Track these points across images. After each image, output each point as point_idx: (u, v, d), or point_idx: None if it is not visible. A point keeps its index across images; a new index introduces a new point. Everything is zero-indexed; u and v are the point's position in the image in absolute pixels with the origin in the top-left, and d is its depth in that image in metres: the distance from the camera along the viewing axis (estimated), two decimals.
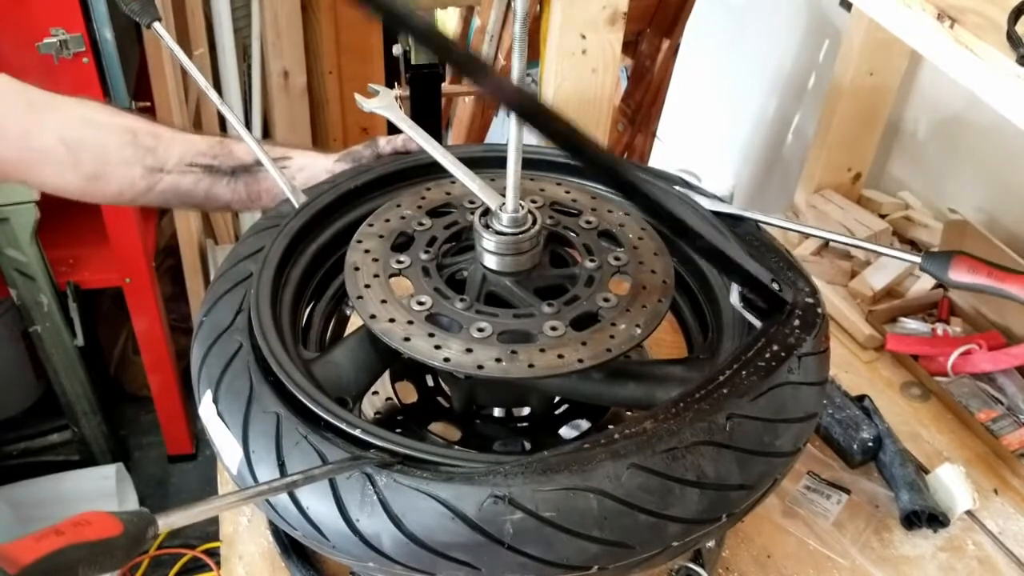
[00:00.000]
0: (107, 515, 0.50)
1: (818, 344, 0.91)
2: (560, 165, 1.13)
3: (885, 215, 1.76)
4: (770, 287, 0.91)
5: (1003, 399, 1.35)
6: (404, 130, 1.07)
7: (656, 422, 0.79)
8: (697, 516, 0.78)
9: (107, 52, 1.77)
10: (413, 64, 1.55)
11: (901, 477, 1.21)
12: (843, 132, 1.74)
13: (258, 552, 1.10)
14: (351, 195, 1.08)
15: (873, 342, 1.48)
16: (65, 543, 0.47)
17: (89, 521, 0.49)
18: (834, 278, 1.61)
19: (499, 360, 0.83)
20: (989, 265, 0.94)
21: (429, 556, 0.75)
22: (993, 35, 0.89)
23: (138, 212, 2.06)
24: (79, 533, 0.48)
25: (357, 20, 2.61)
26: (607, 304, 0.91)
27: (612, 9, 1.44)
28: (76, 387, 2.29)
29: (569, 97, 1.52)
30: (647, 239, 0.99)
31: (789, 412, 0.85)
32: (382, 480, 0.76)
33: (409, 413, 1.09)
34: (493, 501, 0.73)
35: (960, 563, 1.15)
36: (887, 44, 1.63)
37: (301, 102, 2.67)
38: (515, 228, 0.91)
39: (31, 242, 1.95)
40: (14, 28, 1.71)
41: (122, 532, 0.50)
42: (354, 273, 0.93)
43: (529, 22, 0.80)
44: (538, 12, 1.96)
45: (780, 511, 1.19)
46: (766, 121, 2.30)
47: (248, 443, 0.83)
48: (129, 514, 0.51)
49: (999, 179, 1.64)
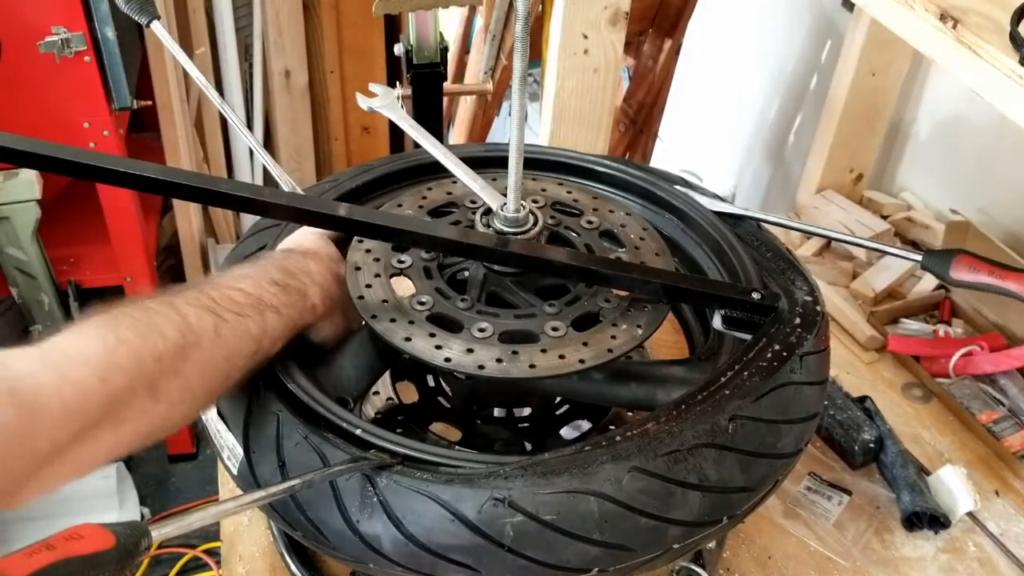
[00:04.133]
0: (100, 528, 0.50)
1: (819, 343, 0.91)
2: (562, 165, 1.13)
3: (887, 216, 1.76)
4: (749, 300, 0.91)
5: (1004, 401, 1.35)
6: (406, 129, 1.07)
7: (658, 424, 0.79)
8: (698, 519, 0.78)
9: (109, 51, 1.77)
10: (415, 63, 1.55)
11: (902, 478, 1.21)
12: (845, 133, 1.74)
13: (258, 552, 1.10)
14: (352, 194, 1.08)
15: (874, 343, 1.47)
16: (57, 558, 0.47)
17: (81, 535, 0.49)
18: (835, 279, 1.61)
19: (500, 360, 0.83)
20: (990, 263, 0.94)
21: (429, 558, 0.75)
22: (995, 36, 0.89)
23: (139, 211, 2.06)
24: (71, 547, 0.47)
25: (359, 19, 2.60)
26: (608, 305, 0.90)
27: (614, 9, 1.44)
28: None
29: (571, 97, 1.52)
30: (648, 240, 0.99)
31: (791, 412, 0.85)
32: (382, 482, 0.76)
33: (410, 413, 1.09)
34: (493, 504, 0.73)
35: (961, 564, 1.15)
36: (889, 44, 1.63)
37: (303, 101, 2.66)
38: (516, 228, 0.91)
39: (32, 241, 1.95)
40: (15, 27, 1.71)
41: (114, 545, 0.49)
42: (355, 273, 0.93)
43: (531, 22, 0.80)
44: (540, 12, 1.96)
45: (781, 512, 1.19)
46: (768, 121, 2.30)
47: (249, 443, 0.83)
48: (122, 526, 0.51)
49: (1001, 180, 1.63)
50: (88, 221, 2.10)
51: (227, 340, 0.76)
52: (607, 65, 1.49)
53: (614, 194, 1.11)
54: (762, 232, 1.07)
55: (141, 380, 0.69)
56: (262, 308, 0.80)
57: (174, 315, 0.73)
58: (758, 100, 2.31)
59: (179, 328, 0.72)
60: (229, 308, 0.77)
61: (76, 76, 1.77)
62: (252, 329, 0.79)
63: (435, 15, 1.52)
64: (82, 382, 0.65)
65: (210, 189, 0.86)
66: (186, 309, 0.74)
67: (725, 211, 1.07)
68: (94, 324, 0.70)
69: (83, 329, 0.69)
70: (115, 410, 0.67)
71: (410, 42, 1.54)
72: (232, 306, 0.78)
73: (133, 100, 1.86)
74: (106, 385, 0.66)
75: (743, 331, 0.92)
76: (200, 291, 0.78)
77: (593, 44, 1.47)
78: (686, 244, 1.07)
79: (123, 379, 0.67)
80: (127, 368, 0.68)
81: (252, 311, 0.79)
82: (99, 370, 0.66)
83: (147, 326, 0.71)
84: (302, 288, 0.87)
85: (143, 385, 0.69)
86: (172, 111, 2.13)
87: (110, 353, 0.67)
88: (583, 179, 1.12)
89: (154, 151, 2.23)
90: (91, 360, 0.66)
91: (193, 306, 0.75)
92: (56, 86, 1.78)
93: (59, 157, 0.83)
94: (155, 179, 0.85)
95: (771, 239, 1.06)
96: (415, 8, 1.48)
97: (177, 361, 0.72)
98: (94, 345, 0.68)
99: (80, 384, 0.65)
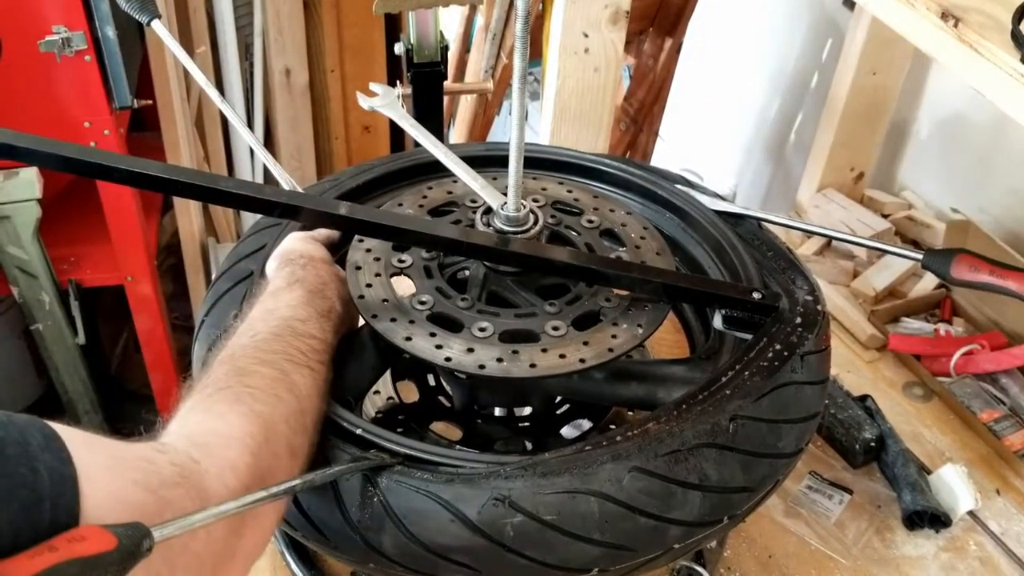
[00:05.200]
0: (101, 529, 0.50)
1: (820, 342, 0.91)
2: (562, 164, 1.13)
3: (888, 215, 1.76)
4: (750, 300, 0.91)
5: (1005, 400, 1.35)
6: (406, 128, 1.07)
7: (659, 424, 0.79)
8: (699, 519, 0.78)
9: (109, 50, 1.76)
10: (415, 62, 1.55)
11: (903, 477, 1.21)
12: (846, 131, 1.74)
13: None
14: (352, 194, 1.08)
15: (875, 342, 1.47)
16: (58, 559, 0.46)
17: (83, 536, 0.49)
18: (836, 278, 1.61)
19: (501, 360, 0.83)
20: (991, 263, 0.94)
21: (429, 558, 0.75)
22: (997, 34, 0.89)
23: (139, 210, 2.05)
24: (73, 549, 0.47)
25: (359, 18, 2.60)
26: (609, 304, 0.90)
27: (615, 8, 1.43)
28: (77, 385, 2.29)
29: (571, 96, 1.52)
30: (649, 239, 0.99)
31: (792, 412, 0.85)
32: (383, 481, 0.76)
33: (410, 412, 1.09)
34: (494, 503, 0.73)
35: (962, 563, 1.15)
36: (890, 43, 1.62)
37: (303, 100, 2.66)
38: (517, 227, 0.91)
39: (33, 240, 1.95)
40: (16, 26, 1.70)
41: (116, 547, 0.49)
42: (356, 272, 0.93)
43: (531, 21, 0.80)
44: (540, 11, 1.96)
45: (782, 511, 1.19)
46: (769, 120, 2.30)
47: None
48: (124, 528, 0.51)
49: (1002, 179, 1.63)
50: (89, 220, 2.10)
51: (322, 389, 0.81)
52: (608, 64, 1.49)
53: (615, 193, 1.11)
54: (763, 231, 1.07)
55: (280, 444, 0.72)
56: (329, 350, 0.85)
57: (279, 375, 0.76)
58: (759, 99, 2.31)
59: (290, 388, 0.76)
60: (316, 359, 0.82)
61: (77, 75, 1.76)
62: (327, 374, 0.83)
63: (435, 14, 1.52)
64: (237, 462, 0.66)
65: (213, 188, 0.87)
66: (286, 367, 0.78)
67: (726, 210, 1.07)
68: (219, 401, 0.71)
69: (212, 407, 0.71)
70: (268, 479, 0.69)
71: (410, 41, 1.54)
72: (316, 356, 0.82)
73: (134, 99, 1.86)
74: (256, 459, 0.68)
75: (744, 331, 0.92)
76: (285, 342, 0.80)
77: (594, 43, 1.46)
78: (687, 243, 1.07)
79: (268, 449, 0.70)
80: (269, 438, 0.70)
81: (326, 356, 0.84)
82: (248, 447, 0.68)
83: (267, 394, 0.73)
84: (333, 304, 0.90)
85: (284, 448, 0.72)
86: (173, 110, 2.12)
87: (251, 426, 0.70)
88: (584, 178, 1.12)
89: (155, 150, 2.23)
90: (236, 440, 0.68)
91: (290, 363, 0.78)
92: (56, 85, 1.78)
93: (63, 155, 0.83)
94: (160, 177, 0.85)
95: (772, 238, 1.06)
96: (416, 7, 1.47)
97: (300, 418, 0.76)
98: (234, 423, 0.69)
99: (236, 464, 0.66)
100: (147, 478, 0.58)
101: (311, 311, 0.86)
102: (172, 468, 0.61)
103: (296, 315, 0.84)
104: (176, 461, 0.62)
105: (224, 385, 0.73)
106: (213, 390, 0.72)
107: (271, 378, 0.75)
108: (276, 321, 0.83)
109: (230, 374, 0.75)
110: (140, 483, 0.57)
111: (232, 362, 0.76)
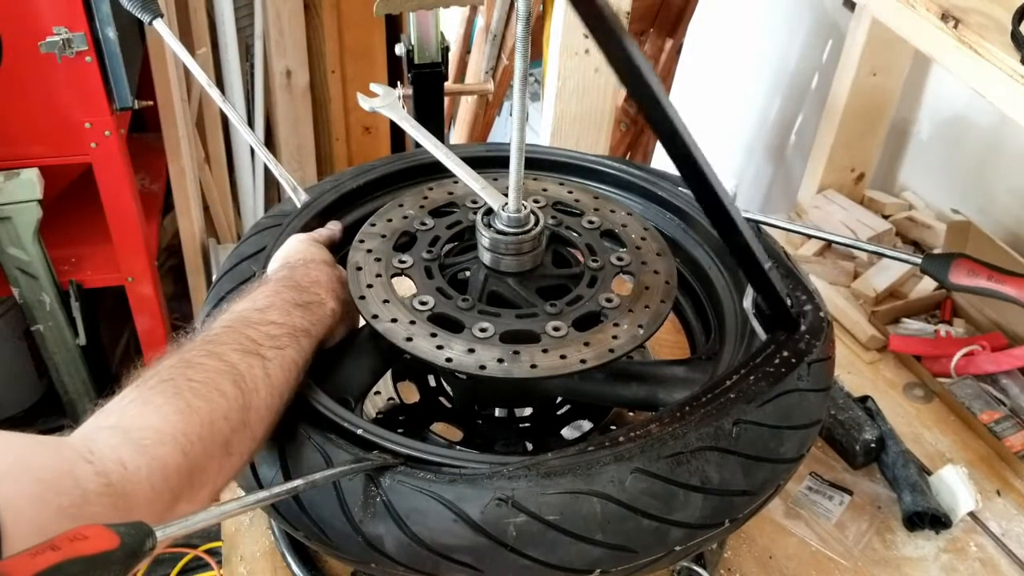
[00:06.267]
0: (104, 529, 0.50)
1: (826, 351, 0.90)
2: (563, 165, 1.13)
3: (888, 215, 1.76)
4: (784, 302, 0.90)
5: (1006, 401, 1.35)
6: (407, 129, 1.07)
7: (661, 426, 0.79)
8: (700, 521, 0.78)
9: (110, 51, 1.76)
10: (416, 63, 1.55)
11: (903, 478, 1.21)
12: (846, 132, 1.74)
13: (259, 552, 1.10)
14: (353, 194, 1.08)
15: (876, 343, 1.47)
16: (61, 558, 0.46)
17: (86, 535, 0.49)
18: (836, 279, 1.61)
19: (501, 360, 0.83)
20: (989, 268, 0.94)
21: (432, 558, 0.75)
22: (997, 35, 0.89)
23: (140, 211, 2.05)
24: (75, 548, 0.47)
25: (360, 19, 2.60)
26: (610, 304, 0.90)
27: (615, 9, 1.44)
28: (78, 386, 2.29)
29: (572, 97, 1.52)
30: (650, 240, 0.99)
31: (795, 419, 0.84)
32: (386, 482, 0.76)
33: (411, 413, 1.09)
34: (497, 504, 0.73)
35: (962, 564, 1.15)
36: (890, 44, 1.63)
37: (304, 101, 2.66)
38: (517, 228, 0.91)
39: (33, 241, 1.95)
40: (17, 27, 1.70)
41: (119, 546, 0.49)
42: (356, 273, 0.93)
43: (532, 22, 0.80)
44: (541, 12, 1.96)
45: (782, 512, 1.19)
46: (769, 121, 2.30)
47: None
48: (126, 527, 0.51)
49: (1002, 179, 1.63)
50: (89, 221, 2.10)
51: (277, 378, 0.78)
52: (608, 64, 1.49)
53: (615, 194, 1.11)
54: (762, 236, 1.06)
55: (215, 443, 0.71)
56: (296, 335, 0.82)
57: (225, 367, 0.74)
58: (759, 100, 2.31)
59: (235, 381, 0.74)
60: (270, 345, 0.79)
61: (77, 76, 1.76)
62: (294, 357, 0.81)
63: (436, 15, 1.52)
64: (168, 462, 0.66)
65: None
66: (233, 357, 0.76)
67: None
68: (160, 393, 0.70)
69: (151, 399, 0.70)
70: (197, 478, 0.69)
71: (411, 42, 1.54)
72: (271, 342, 0.79)
73: (134, 100, 1.86)
74: (188, 458, 0.68)
75: (763, 324, 0.91)
76: (236, 332, 0.79)
77: (594, 44, 1.46)
78: (687, 244, 1.07)
79: (201, 447, 0.69)
80: (204, 436, 0.70)
81: (289, 340, 0.81)
82: (181, 445, 0.68)
83: (208, 388, 0.72)
84: (320, 300, 0.88)
85: (218, 447, 0.71)
86: (173, 111, 2.12)
87: (186, 424, 0.69)
88: (584, 179, 1.12)
89: (155, 151, 2.23)
90: (170, 437, 0.67)
91: (238, 352, 0.76)
92: (57, 86, 1.78)
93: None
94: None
95: (771, 244, 1.05)
96: (416, 8, 1.47)
97: (242, 414, 0.74)
98: (171, 419, 0.68)
99: (166, 464, 0.66)
100: (71, 500, 0.57)
101: (276, 300, 0.84)
102: (97, 480, 0.60)
103: (254, 305, 0.82)
104: (102, 470, 0.61)
105: (167, 377, 0.72)
106: (156, 381, 0.71)
107: (216, 371, 0.74)
108: (230, 315, 0.82)
109: (175, 366, 0.74)
110: (64, 509, 0.56)
111: (180, 354, 0.75)
